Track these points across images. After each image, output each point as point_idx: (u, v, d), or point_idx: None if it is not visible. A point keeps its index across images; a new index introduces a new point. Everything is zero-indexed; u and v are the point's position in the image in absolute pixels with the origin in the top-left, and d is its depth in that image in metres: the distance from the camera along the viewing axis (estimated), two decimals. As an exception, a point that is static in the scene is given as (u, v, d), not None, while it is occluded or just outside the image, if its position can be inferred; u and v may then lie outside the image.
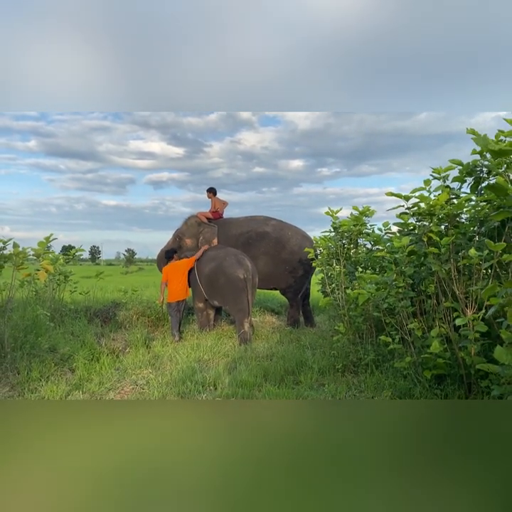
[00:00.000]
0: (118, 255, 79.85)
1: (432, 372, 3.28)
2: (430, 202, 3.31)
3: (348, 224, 5.25)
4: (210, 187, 7.40)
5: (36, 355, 4.32)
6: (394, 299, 3.67)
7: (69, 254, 7.32)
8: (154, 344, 5.56)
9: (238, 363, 4.58)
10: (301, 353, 4.79)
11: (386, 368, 3.90)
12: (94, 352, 4.83)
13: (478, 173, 3.29)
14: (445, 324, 3.35)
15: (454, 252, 3.29)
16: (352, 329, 4.60)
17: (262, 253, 6.88)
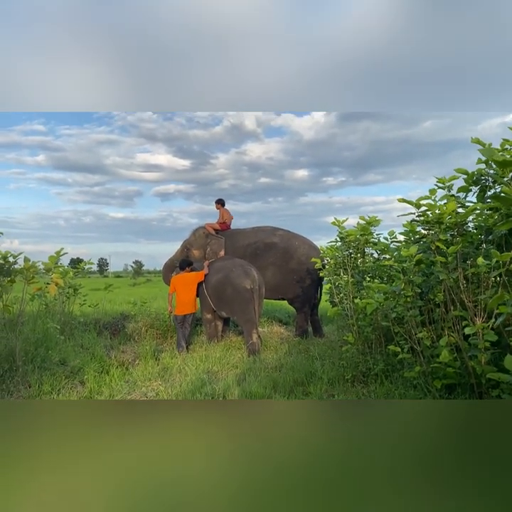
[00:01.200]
0: (126, 267, 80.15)
1: (442, 382, 3.26)
2: (438, 210, 3.32)
3: (355, 233, 5.26)
4: (218, 198, 7.46)
5: (47, 369, 4.36)
6: (402, 308, 3.66)
7: (78, 268, 7.39)
8: (163, 356, 5.58)
9: (247, 374, 4.58)
10: (310, 363, 4.77)
11: (396, 378, 3.88)
12: (104, 364, 4.86)
13: (484, 182, 3.30)
14: (454, 333, 3.33)
15: (461, 261, 3.29)
16: (361, 339, 4.59)
17: (269, 263, 6.91)
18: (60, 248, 4.87)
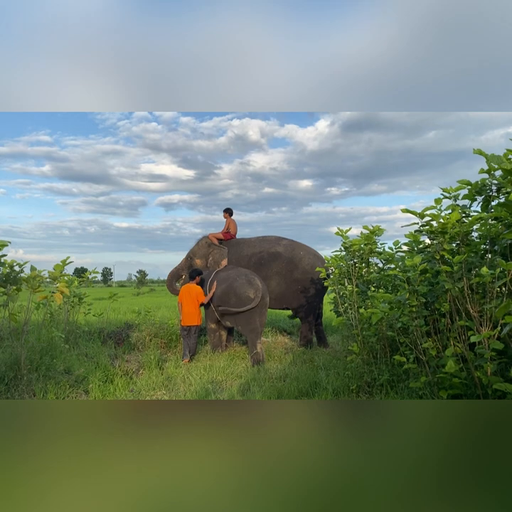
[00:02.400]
0: (130, 277, 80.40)
1: (447, 392, 3.23)
2: (442, 220, 3.33)
3: (359, 243, 5.26)
4: (227, 207, 7.53)
5: (52, 377, 4.37)
6: (407, 318, 3.65)
7: (83, 277, 7.43)
8: (167, 365, 5.57)
9: (251, 384, 4.57)
10: (315, 373, 4.75)
11: (401, 389, 3.86)
12: (108, 373, 4.86)
13: (488, 192, 3.31)
14: (460, 343, 3.32)
15: (466, 270, 3.29)
16: (366, 349, 4.57)
17: (274, 273, 6.92)
18: (66, 257, 4.90)
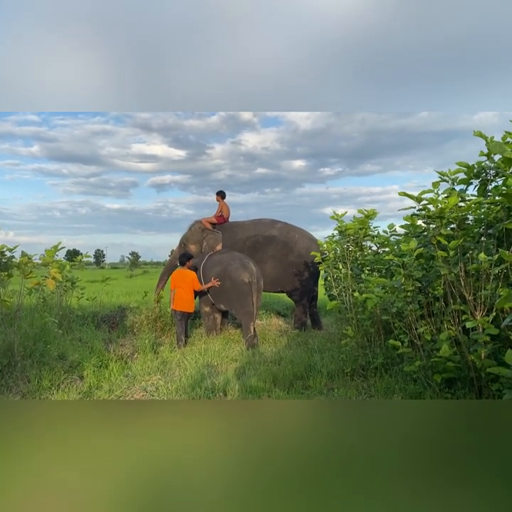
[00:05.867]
0: (122, 258, 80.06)
1: (442, 376, 3.27)
2: (440, 205, 3.29)
3: (354, 227, 5.24)
4: (219, 190, 7.36)
5: (46, 363, 4.34)
6: (402, 302, 3.65)
7: (75, 261, 7.35)
8: (162, 349, 5.57)
9: (247, 368, 4.59)
10: (310, 356, 4.78)
11: (396, 372, 3.89)
12: (103, 358, 4.85)
13: (485, 176, 3.28)
14: (454, 327, 3.34)
15: (461, 255, 3.28)
16: (360, 332, 4.59)
17: (269, 256, 6.89)
18: (58, 242, 4.82)
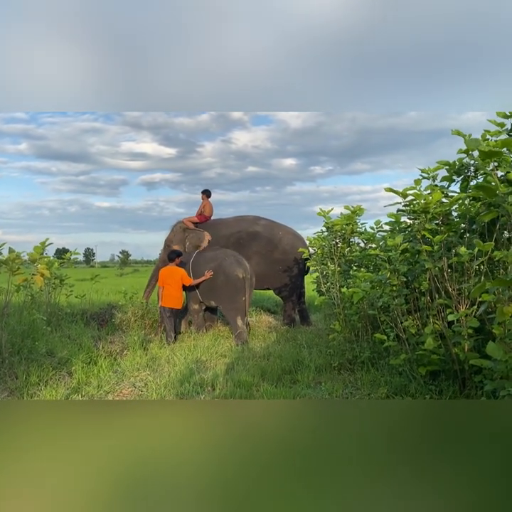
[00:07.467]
0: (112, 257, 79.62)
1: (426, 369, 3.33)
2: (424, 200, 3.36)
3: (341, 223, 5.30)
4: (205, 189, 7.39)
5: (34, 360, 4.33)
6: (388, 297, 3.72)
7: (64, 258, 7.31)
8: (151, 346, 5.58)
9: (236, 363, 4.62)
10: (298, 351, 4.83)
11: (382, 365, 3.96)
12: (92, 355, 4.85)
13: (466, 172, 3.35)
14: (439, 321, 3.40)
15: (445, 250, 3.35)
16: (347, 327, 4.65)
17: (253, 253, 6.91)
18: (46, 239, 4.81)
